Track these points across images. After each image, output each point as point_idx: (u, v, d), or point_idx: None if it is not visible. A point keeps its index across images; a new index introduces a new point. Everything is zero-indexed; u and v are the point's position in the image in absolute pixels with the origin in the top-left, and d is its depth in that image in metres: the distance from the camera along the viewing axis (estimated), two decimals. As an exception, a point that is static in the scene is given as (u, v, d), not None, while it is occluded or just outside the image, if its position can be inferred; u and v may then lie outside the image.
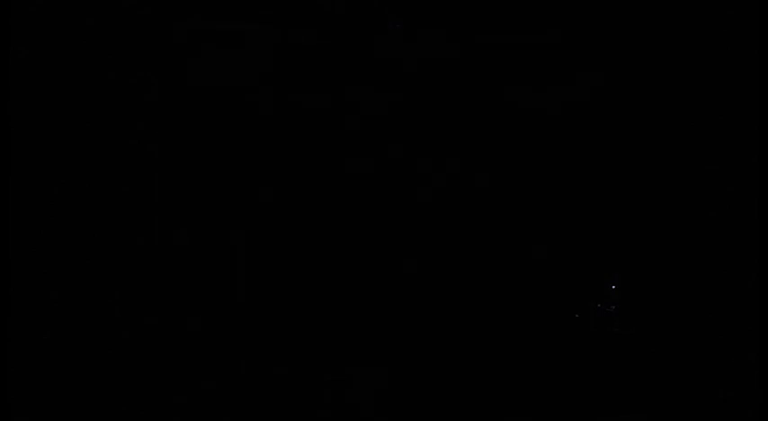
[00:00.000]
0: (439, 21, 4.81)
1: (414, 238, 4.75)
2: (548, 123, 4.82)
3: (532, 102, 4.81)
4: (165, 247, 4.59)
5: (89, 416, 4.46)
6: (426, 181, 4.76)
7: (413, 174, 4.75)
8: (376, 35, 4.77)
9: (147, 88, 4.61)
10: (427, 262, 4.75)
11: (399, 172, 4.75)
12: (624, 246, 4.83)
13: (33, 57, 4.52)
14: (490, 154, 4.80)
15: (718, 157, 4.78)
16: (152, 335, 4.55)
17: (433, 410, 4.64)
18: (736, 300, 4.69)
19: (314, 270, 4.69)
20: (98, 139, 4.57)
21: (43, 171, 4.51)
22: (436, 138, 4.78)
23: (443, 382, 4.68)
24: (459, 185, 4.77)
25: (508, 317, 4.77)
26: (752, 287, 4.65)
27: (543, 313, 4.79)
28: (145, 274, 4.57)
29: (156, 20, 4.62)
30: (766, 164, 4.67)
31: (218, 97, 4.66)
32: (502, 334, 4.75)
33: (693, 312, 4.75)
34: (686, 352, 4.72)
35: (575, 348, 4.77)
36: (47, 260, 4.49)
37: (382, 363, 4.68)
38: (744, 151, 4.74)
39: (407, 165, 4.76)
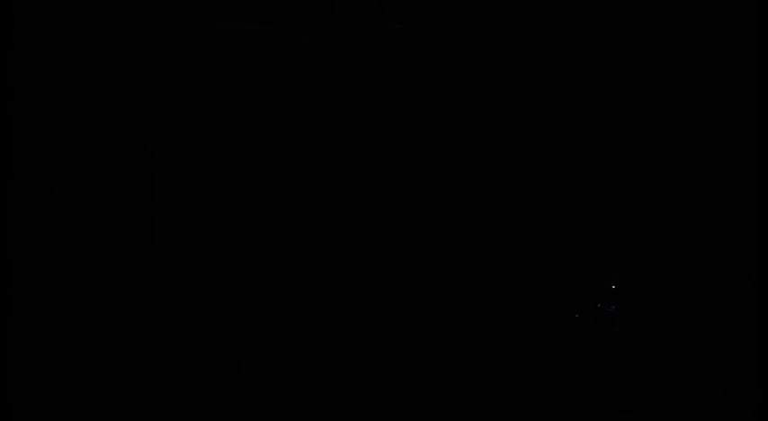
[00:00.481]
0: (439, 21, 4.81)
1: (414, 238, 4.74)
2: (548, 123, 4.82)
3: (532, 102, 4.81)
4: (165, 247, 4.59)
5: (89, 416, 4.46)
6: (426, 181, 4.76)
7: (413, 174, 4.76)
8: (376, 35, 4.78)
9: (147, 88, 4.62)
10: (427, 262, 4.75)
11: (399, 172, 4.75)
12: (624, 246, 4.83)
13: (33, 57, 4.52)
14: (490, 154, 4.80)
15: (718, 157, 4.78)
16: (152, 335, 4.55)
17: (432, 410, 4.64)
18: (736, 300, 4.69)
19: (314, 270, 4.69)
20: (98, 139, 4.57)
21: (43, 171, 4.51)
22: (436, 138, 4.78)
23: (443, 382, 4.68)
24: (459, 185, 4.77)
25: (508, 317, 4.77)
26: (752, 287, 4.65)
27: (543, 313, 4.79)
28: (145, 274, 4.57)
29: (156, 20, 4.62)
30: (766, 164, 4.67)
31: (218, 97, 4.66)
32: (502, 334, 4.75)
33: (693, 312, 4.75)
34: (686, 352, 4.72)
35: (575, 348, 4.77)
36: (47, 260, 4.49)
37: (382, 363, 4.68)
38: (744, 151, 4.74)
39: (407, 165, 4.76)
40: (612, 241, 4.83)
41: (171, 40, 4.63)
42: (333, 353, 4.66)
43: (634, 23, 4.83)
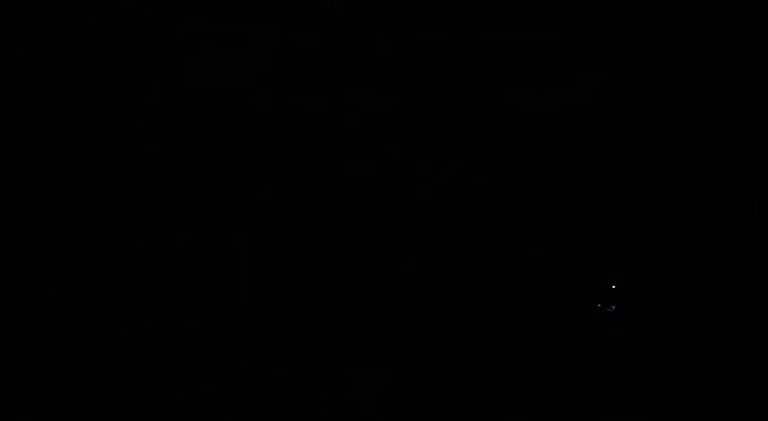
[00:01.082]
0: (439, 21, 4.81)
1: (414, 238, 4.75)
2: (548, 123, 4.82)
3: (532, 102, 4.81)
4: (165, 247, 4.59)
5: (89, 416, 4.46)
6: (426, 181, 4.76)
7: (413, 174, 4.76)
8: (376, 35, 4.78)
9: (147, 88, 4.62)
10: (427, 262, 4.75)
11: (399, 172, 4.75)
12: (624, 246, 4.83)
13: (33, 57, 4.52)
14: (490, 154, 4.80)
15: (718, 157, 4.78)
16: (152, 335, 4.55)
17: (432, 410, 4.64)
18: (736, 300, 4.69)
19: (314, 270, 4.69)
20: (98, 139, 4.57)
21: (43, 171, 4.51)
22: (436, 138, 4.78)
23: (443, 382, 4.68)
24: (459, 185, 4.77)
25: (508, 317, 4.77)
26: (752, 287, 4.66)
27: (543, 313, 4.79)
28: (145, 274, 4.57)
29: (156, 20, 4.62)
30: (766, 164, 4.67)
31: (218, 97, 4.66)
32: (502, 334, 4.75)
33: (693, 312, 4.75)
34: (686, 352, 4.72)
35: (575, 348, 4.77)
36: (47, 260, 4.49)
37: (382, 363, 4.68)
38: (744, 151, 4.74)
39: (407, 165, 4.76)
40: (612, 241, 4.83)
41: (171, 40, 4.63)
42: (333, 353, 4.66)
43: (634, 23, 4.83)
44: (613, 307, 4.82)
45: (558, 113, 4.82)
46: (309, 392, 4.60)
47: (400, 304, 4.72)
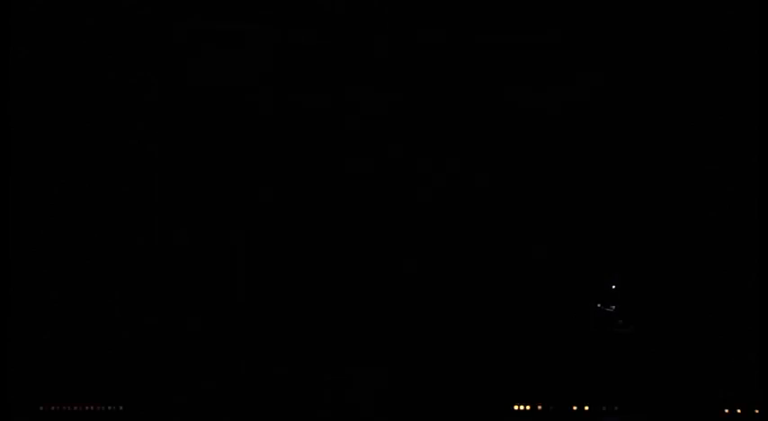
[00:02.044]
0: (439, 21, 4.81)
1: (414, 238, 4.74)
2: (548, 123, 4.82)
3: (532, 102, 4.81)
4: (165, 247, 4.59)
5: (89, 417, 4.46)
6: (426, 181, 4.76)
7: (413, 174, 4.75)
8: (376, 35, 4.77)
9: (147, 88, 4.62)
10: (427, 262, 4.75)
11: (399, 172, 4.75)
12: (624, 246, 4.82)
13: (33, 57, 4.52)
14: (490, 154, 4.80)
15: (718, 157, 4.78)
16: (152, 335, 4.55)
17: (432, 410, 4.64)
18: (736, 300, 4.69)
19: (314, 270, 4.69)
20: (98, 139, 4.57)
21: (43, 171, 4.51)
22: (436, 138, 4.77)
23: (443, 382, 4.68)
24: (459, 185, 4.77)
25: (508, 316, 4.77)
26: (752, 287, 4.65)
27: (543, 313, 4.78)
28: (145, 274, 4.57)
29: (156, 20, 4.62)
30: (766, 164, 4.67)
31: (218, 97, 4.66)
32: (502, 334, 4.75)
33: (693, 312, 4.74)
34: (686, 351, 4.71)
35: (575, 348, 4.77)
36: (47, 260, 4.49)
37: (382, 363, 4.68)
38: (744, 151, 4.74)
39: (407, 165, 4.75)
40: (612, 241, 4.83)
41: (171, 40, 4.63)
42: (333, 353, 4.65)
43: (634, 24, 4.82)
44: (613, 307, 4.81)
45: (558, 113, 4.82)
46: (309, 392, 4.60)
47: (400, 304, 4.72)
